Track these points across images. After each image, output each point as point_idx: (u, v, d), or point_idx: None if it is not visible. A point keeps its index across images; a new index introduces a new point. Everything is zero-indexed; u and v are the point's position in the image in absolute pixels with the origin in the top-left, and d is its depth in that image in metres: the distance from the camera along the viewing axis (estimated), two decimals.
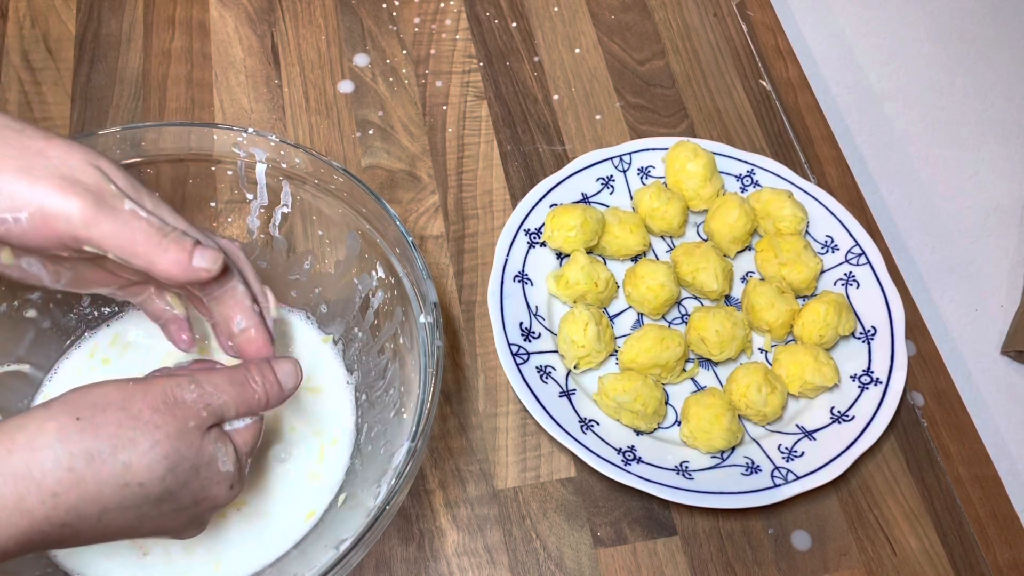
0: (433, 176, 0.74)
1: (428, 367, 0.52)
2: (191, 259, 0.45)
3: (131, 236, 0.43)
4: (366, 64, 0.80)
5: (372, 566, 0.58)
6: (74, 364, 0.60)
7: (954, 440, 0.66)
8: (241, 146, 0.59)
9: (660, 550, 0.60)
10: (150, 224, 0.44)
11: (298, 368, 0.50)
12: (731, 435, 0.61)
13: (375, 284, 0.60)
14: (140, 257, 0.44)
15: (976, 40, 1.05)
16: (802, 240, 0.69)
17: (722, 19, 0.85)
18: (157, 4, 0.82)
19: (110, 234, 0.43)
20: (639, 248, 0.70)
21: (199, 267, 0.45)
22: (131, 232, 0.43)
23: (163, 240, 0.44)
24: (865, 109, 0.98)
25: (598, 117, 0.79)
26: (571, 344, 0.63)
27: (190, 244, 0.45)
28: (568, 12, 0.85)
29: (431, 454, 0.62)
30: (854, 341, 0.67)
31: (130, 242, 0.44)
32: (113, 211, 0.43)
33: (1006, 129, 0.98)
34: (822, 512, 0.62)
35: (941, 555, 0.61)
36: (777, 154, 0.77)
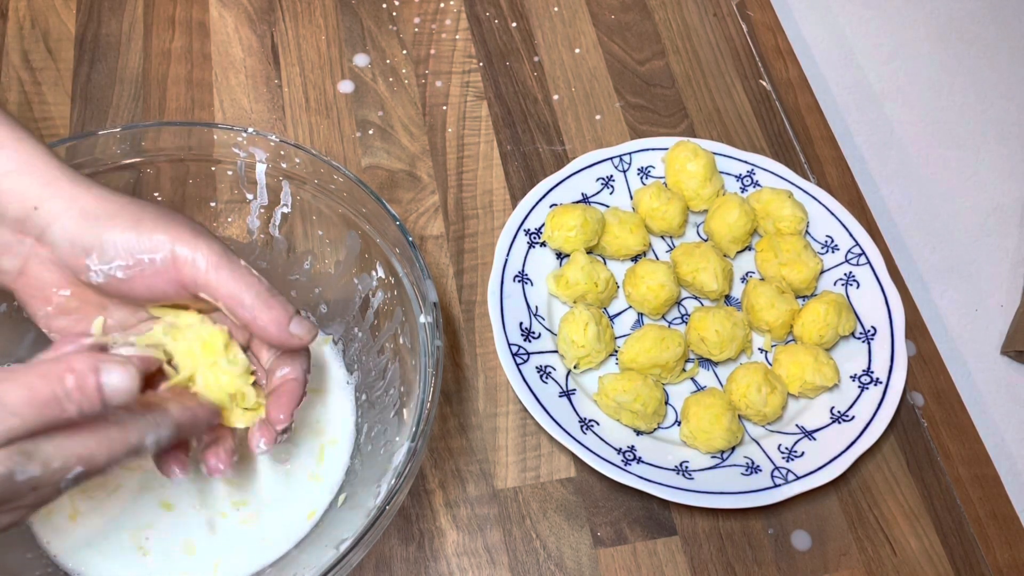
0: (433, 176, 0.74)
1: (428, 367, 0.52)
2: (289, 323, 0.48)
3: (244, 289, 0.47)
4: (366, 64, 0.80)
5: (372, 566, 0.58)
6: None
7: (954, 440, 0.66)
8: (241, 146, 0.59)
9: (660, 550, 0.60)
10: (261, 283, 0.48)
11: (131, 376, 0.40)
12: (731, 435, 0.61)
13: (375, 284, 0.60)
14: (247, 308, 0.47)
15: (976, 40, 1.05)
16: (802, 240, 0.69)
17: (722, 19, 0.85)
18: (157, 4, 0.82)
19: (226, 282, 0.47)
20: (639, 248, 0.70)
21: (295, 333, 0.48)
22: (245, 285, 0.47)
23: (270, 299, 0.48)
24: (865, 109, 0.98)
25: (598, 117, 0.79)
26: (571, 344, 0.63)
27: (292, 310, 0.48)
28: (568, 12, 0.85)
29: (431, 454, 0.62)
30: (854, 341, 0.67)
31: (241, 295, 0.47)
32: (232, 263, 0.47)
33: (1006, 129, 0.98)
34: (822, 512, 0.62)
35: (941, 555, 0.61)
36: (777, 154, 0.77)
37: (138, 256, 0.46)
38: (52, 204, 0.46)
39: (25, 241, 0.47)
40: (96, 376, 0.39)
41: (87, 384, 0.38)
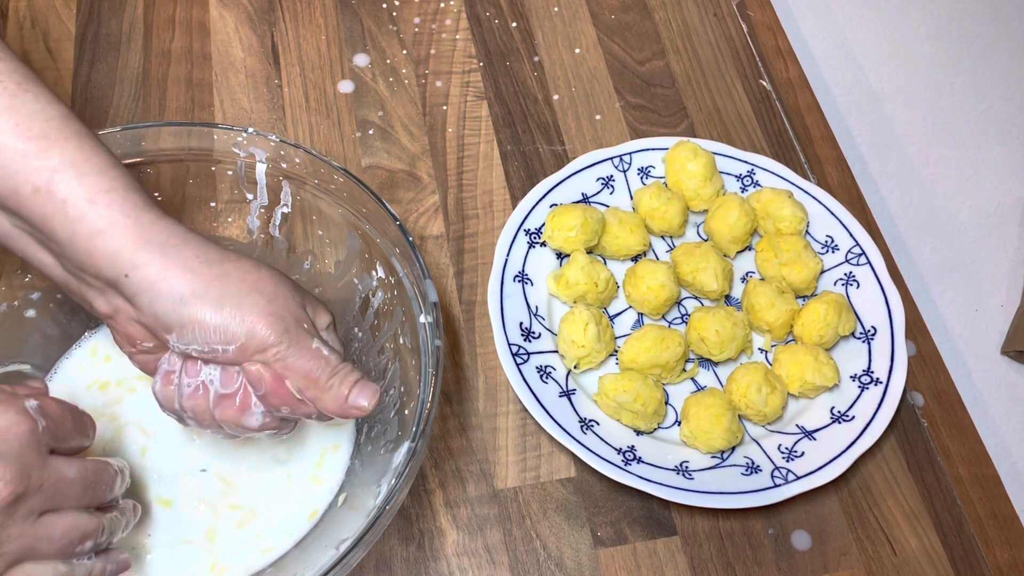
0: (433, 176, 0.74)
1: (428, 367, 0.52)
2: (348, 396, 0.49)
3: (310, 371, 0.48)
4: (366, 64, 0.80)
5: (372, 566, 0.58)
6: (75, 363, 0.60)
7: (954, 440, 0.66)
8: (241, 146, 0.59)
9: (660, 550, 0.60)
10: (328, 363, 0.48)
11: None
12: (731, 435, 0.61)
13: (375, 284, 0.60)
14: (310, 391, 0.48)
15: (976, 40, 1.05)
16: (802, 240, 0.69)
17: (722, 19, 0.85)
18: (157, 4, 0.82)
19: (291, 368, 0.48)
20: (639, 248, 0.70)
21: (354, 404, 0.49)
22: (311, 368, 0.48)
23: (332, 378, 0.48)
24: (865, 109, 0.98)
25: (598, 117, 0.79)
26: (571, 344, 0.63)
27: (352, 381, 0.49)
28: (568, 12, 0.85)
29: (431, 454, 0.62)
30: (854, 341, 0.67)
31: (308, 377, 0.48)
32: (302, 348, 0.48)
33: (1006, 129, 0.98)
34: (822, 512, 0.62)
35: (941, 555, 0.61)
36: (777, 154, 0.77)
37: (213, 346, 0.47)
38: (141, 274, 0.46)
39: (117, 297, 0.48)
40: None
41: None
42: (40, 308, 0.59)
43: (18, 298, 0.59)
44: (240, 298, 0.47)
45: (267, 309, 0.47)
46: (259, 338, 0.47)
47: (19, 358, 0.59)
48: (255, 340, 0.47)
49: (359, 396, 0.49)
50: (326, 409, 0.49)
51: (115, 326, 0.49)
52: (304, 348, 0.48)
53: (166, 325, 0.47)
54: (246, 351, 0.47)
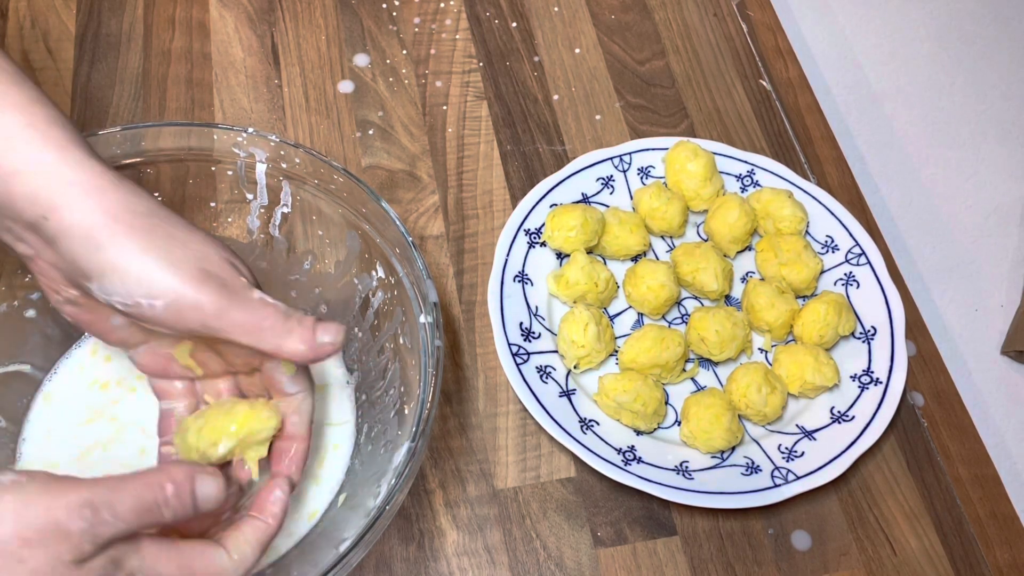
0: (433, 176, 0.74)
1: (428, 367, 0.52)
2: (315, 336, 0.46)
3: (259, 323, 0.45)
4: (366, 64, 0.80)
5: (372, 566, 0.58)
6: (75, 363, 0.60)
7: (954, 440, 0.66)
8: (241, 146, 0.59)
9: (660, 550, 0.60)
10: (276, 310, 0.46)
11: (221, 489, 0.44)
12: (731, 435, 0.61)
13: (375, 284, 0.60)
14: (267, 342, 0.45)
15: (976, 40, 1.05)
16: (802, 240, 0.69)
17: (722, 19, 0.85)
18: (157, 4, 0.82)
19: (239, 323, 0.45)
20: (639, 248, 0.70)
21: (324, 342, 0.46)
22: (259, 319, 0.45)
23: (287, 323, 0.46)
24: (865, 109, 0.98)
25: (598, 117, 0.79)
26: (571, 344, 0.63)
27: (311, 322, 0.46)
28: (568, 12, 0.85)
29: (431, 454, 0.62)
30: (854, 341, 0.67)
31: (258, 329, 0.45)
32: (243, 301, 0.45)
33: (1006, 129, 0.98)
34: (822, 512, 0.62)
35: (941, 555, 0.61)
36: (777, 154, 0.77)
37: (137, 299, 0.44)
38: (60, 217, 0.43)
39: (37, 240, 0.45)
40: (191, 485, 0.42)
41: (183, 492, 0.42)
42: (40, 308, 0.59)
43: (18, 298, 0.59)
44: (167, 252, 0.44)
45: (197, 265, 0.44)
46: (190, 298, 0.44)
47: (19, 358, 0.59)
48: (187, 298, 0.44)
49: (325, 334, 0.46)
50: (293, 354, 0.46)
51: (37, 270, 0.47)
52: (247, 300, 0.45)
53: (86, 272, 0.44)
54: (179, 310, 0.44)
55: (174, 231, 0.45)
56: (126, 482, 0.40)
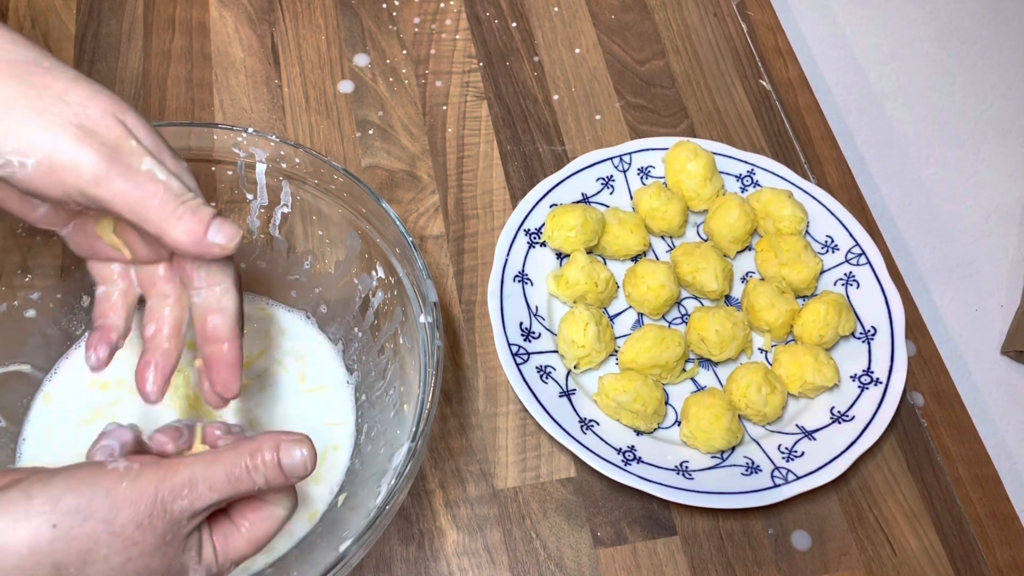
0: (433, 176, 0.74)
1: (428, 367, 0.52)
2: (206, 231, 0.41)
3: (144, 199, 0.40)
4: (366, 64, 0.80)
5: (372, 566, 0.58)
6: (75, 363, 0.60)
7: (954, 440, 0.66)
8: (241, 146, 0.59)
9: (660, 550, 0.60)
10: (168, 189, 0.41)
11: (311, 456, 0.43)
12: (731, 435, 0.61)
13: (375, 284, 0.60)
14: (152, 223, 0.41)
15: (976, 40, 1.05)
16: (802, 240, 0.69)
17: (722, 19, 0.85)
18: (157, 4, 0.82)
19: (121, 193, 0.40)
20: (639, 248, 0.70)
21: (214, 242, 0.42)
22: (145, 195, 0.40)
23: (179, 207, 0.41)
24: (865, 109, 0.98)
25: (598, 117, 0.79)
26: (571, 344, 0.63)
27: (208, 215, 0.42)
28: (568, 12, 0.85)
29: (431, 454, 0.62)
30: (854, 341, 0.67)
31: (143, 206, 0.40)
32: (128, 170, 0.40)
33: (1006, 129, 0.98)
34: (822, 512, 0.62)
35: (941, 555, 0.61)
36: (777, 154, 0.77)
37: (6, 156, 0.39)
38: None
39: None
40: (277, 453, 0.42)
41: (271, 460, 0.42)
42: (40, 308, 0.59)
43: (18, 298, 0.59)
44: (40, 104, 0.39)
45: (74, 121, 0.40)
46: (65, 156, 0.39)
47: (19, 358, 0.59)
48: (60, 158, 0.39)
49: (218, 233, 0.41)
50: (177, 243, 0.41)
51: None
52: (132, 170, 0.40)
53: None
54: (53, 171, 0.39)
55: (53, 82, 0.41)
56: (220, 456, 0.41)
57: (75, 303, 0.61)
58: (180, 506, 0.40)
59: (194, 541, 0.41)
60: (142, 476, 0.39)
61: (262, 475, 0.42)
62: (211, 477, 0.40)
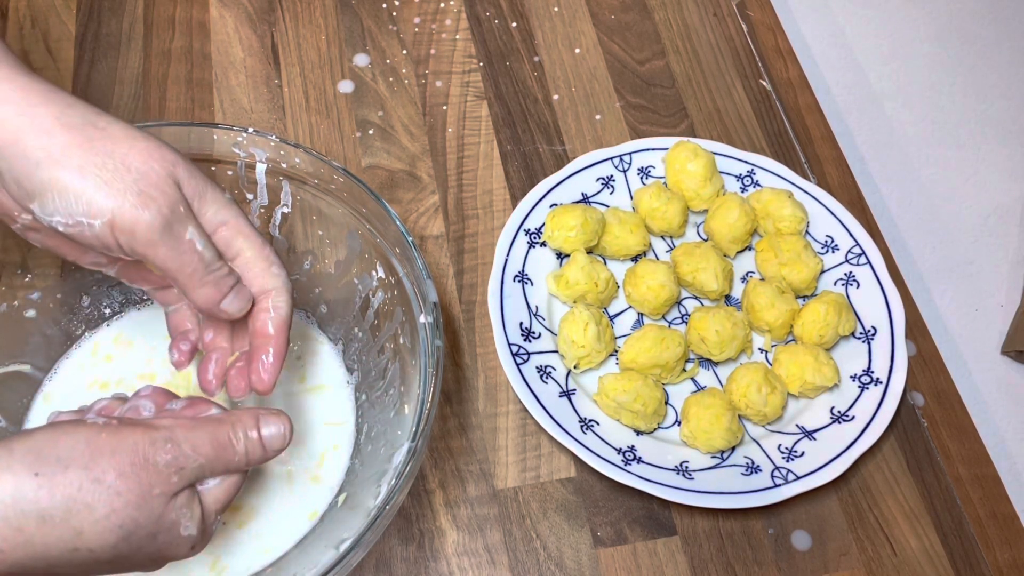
0: (433, 176, 0.74)
1: (428, 367, 0.52)
2: (221, 300, 0.48)
3: (181, 265, 0.46)
4: (366, 64, 0.80)
5: (372, 566, 0.58)
6: (75, 363, 0.60)
7: (954, 440, 0.66)
8: (241, 146, 0.59)
9: (660, 550, 0.60)
10: (201, 259, 0.47)
11: (288, 429, 0.47)
12: (731, 435, 0.61)
13: (375, 284, 0.60)
14: (181, 284, 0.47)
15: (976, 40, 1.05)
16: (802, 240, 0.69)
17: (722, 19, 0.85)
18: (157, 4, 0.82)
19: (164, 258, 0.46)
20: (639, 248, 0.70)
21: (224, 309, 0.48)
22: (183, 262, 0.46)
23: (205, 276, 0.47)
24: (865, 109, 0.98)
25: (598, 117, 0.79)
26: (571, 344, 0.63)
27: (227, 286, 0.48)
28: (568, 12, 0.85)
29: (431, 454, 0.62)
30: (854, 341, 0.67)
31: (178, 270, 0.46)
32: (174, 238, 0.46)
33: (1006, 129, 0.98)
34: (822, 512, 0.62)
35: (941, 555, 0.61)
36: (777, 154, 0.77)
37: (77, 218, 0.44)
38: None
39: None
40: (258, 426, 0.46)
41: (251, 428, 0.46)
42: (40, 308, 0.59)
43: (18, 298, 0.59)
44: (106, 170, 0.44)
45: (135, 187, 0.44)
46: (127, 218, 0.44)
47: (19, 358, 0.59)
48: (121, 221, 0.44)
49: (232, 302, 0.48)
50: (196, 305, 0.48)
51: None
52: (176, 238, 0.45)
53: (28, 192, 0.44)
54: (114, 232, 0.44)
55: (114, 146, 0.45)
56: (200, 423, 0.44)
57: (75, 303, 0.61)
58: (164, 460, 0.42)
59: (184, 499, 0.43)
60: (122, 430, 0.42)
61: (243, 445, 0.45)
62: (193, 439, 0.43)
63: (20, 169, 0.43)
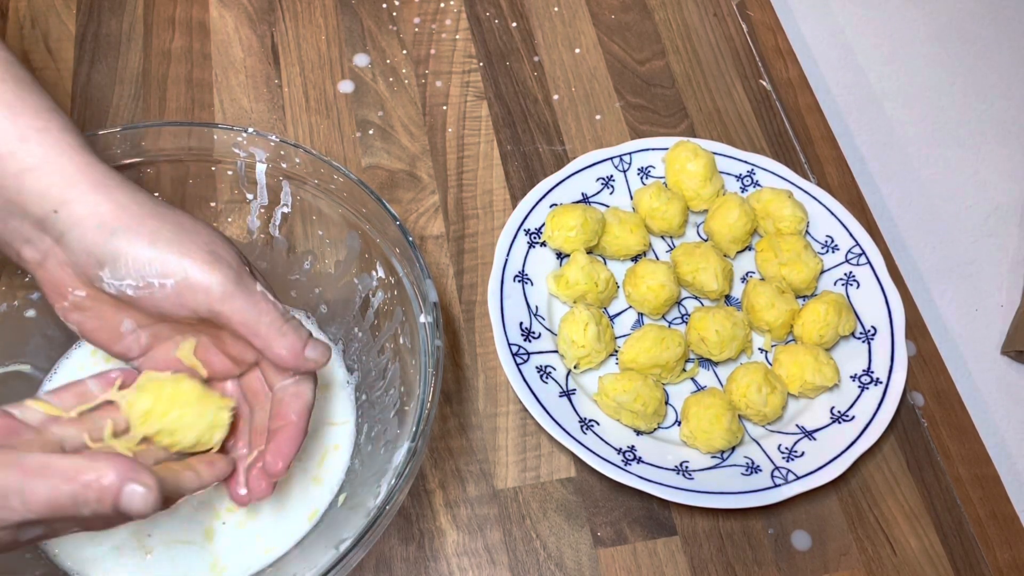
0: (433, 176, 0.74)
1: (428, 367, 0.52)
2: (304, 349, 0.47)
3: (258, 316, 0.47)
4: (366, 64, 0.80)
5: (372, 566, 0.58)
6: (75, 363, 0.60)
7: (954, 440, 0.66)
8: (241, 146, 0.59)
9: (660, 550, 0.60)
10: (276, 308, 0.47)
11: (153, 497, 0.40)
12: (731, 435, 0.61)
13: (375, 284, 0.60)
14: (261, 337, 0.47)
15: (976, 40, 1.05)
16: (802, 240, 0.69)
17: (722, 19, 0.85)
18: (157, 4, 0.82)
19: (241, 311, 0.46)
20: (639, 248, 0.70)
21: (310, 357, 0.48)
22: (259, 313, 0.47)
23: (284, 326, 0.47)
24: (865, 109, 0.98)
25: (598, 117, 0.79)
26: (571, 344, 0.63)
27: (305, 335, 0.48)
28: (568, 12, 0.85)
29: (431, 454, 0.62)
30: (854, 341, 0.67)
31: (256, 321, 0.47)
32: (247, 291, 0.47)
33: (1006, 129, 0.98)
34: (822, 512, 0.62)
35: (941, 555, 0.61)
36: (777, 154, 0.77)
37: (149, 279, 0.45)
38: (71, 209, 0.45)
39: (45, 239, 0.46)
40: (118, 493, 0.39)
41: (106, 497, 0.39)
42: (40, 308, 0.59)
43: (18, 298, 0.59)
44: (176, 236, 0.46)
45: (206, 248, 0.46)
46: (200, 277, 0.45)
47: (19, 358, 0.59)
48: (196, 279, 0.45)
49: (313, 351, 0.48)
50: (279, 357, 0.47)
51: (44, 276, 0.48)
52: (250, 291, 0.46)
53: (98, 260, 0.45)
54: (187, 290, 0.45)
55: (181, 220, 0.47)
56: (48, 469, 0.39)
57: None
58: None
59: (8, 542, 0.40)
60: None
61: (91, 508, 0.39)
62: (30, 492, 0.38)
63: (93, 238, 0.45)
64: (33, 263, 0.48)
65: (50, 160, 0.45)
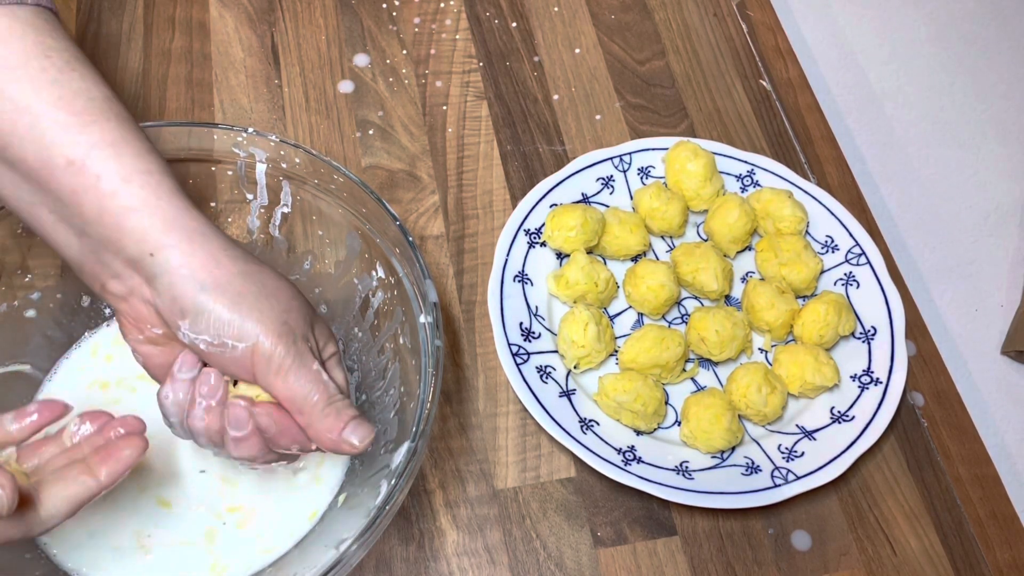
0: (433, 176, 0.74)
1: (428, 367, 0.52)
2: (343, 431, 0.48)
3: (307, 395, 0.47)
4: (366, 64, 0.80)
5: (372, 566, 0.58)
6: (75, 363, 0.60)
7: (954, 440, 0.66)
8: (241, 146, 0.59)
9: (660, 550, 0.60)
10: (326, 389, 0.48)
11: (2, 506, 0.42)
12: (731, 435, 0.61)
13: (375, 284, 0.60)
14: (304, 415, 0.48)
15: (976, 40, 1.05)
16: (802, 240, 0.69)
17: (722, 19, 0.85)
18: (157, 4, 0.82)
19: (290, 387, 0.47)
20: (639, 248, 0.70)
21: (346, 440, 0.48)
22: (308, 391, 0.47)
23: (327, 407, 0.48)
24: (865, 109, 0.98)
25: (598, 117, 0.79)
26: (571, 344, 0.63)
27: (348, 416, 0.48)
28: (568, 12, 0.85)
29: (431, 454, 0.62)
30: (854, 341, 0.67)
31: (303, 399, 0.47)
32: (302, 367, 0.47)
33: (1006, 129, 0.98)
34: (822, 512, 0.62)
35: (941, 555, 0.61)
36: (777, 154, 0.77)
37: (224, 339, 0.47)
38: (167, 255, 0.46)
39: (135, 277, 0.47)
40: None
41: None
42: (40, 308, 0.59)
43: (18, 298, 0.59)
44: (258, 300, 0.47)
45: (280, 318, 0.47)
46: (267, 345, 0.46)
47: (19, 358, 0.59)
48: (263, 346, 0.46)
49: (353, 433, 0.48)
50: (316, 436, 0.48)
51: (126, 309, 0.49)
52: (305, 367, 0.47)
53: (182, 310, 0.46)
54: (253, 354, 0.47)
55: (266, 280, 0.48)
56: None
57: (75, 303, 0.61)
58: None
59: None
60: None
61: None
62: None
63: (182, 289, 0.46)
64: (117, 297, 0.49)
65: (150, 203, 0.46)
